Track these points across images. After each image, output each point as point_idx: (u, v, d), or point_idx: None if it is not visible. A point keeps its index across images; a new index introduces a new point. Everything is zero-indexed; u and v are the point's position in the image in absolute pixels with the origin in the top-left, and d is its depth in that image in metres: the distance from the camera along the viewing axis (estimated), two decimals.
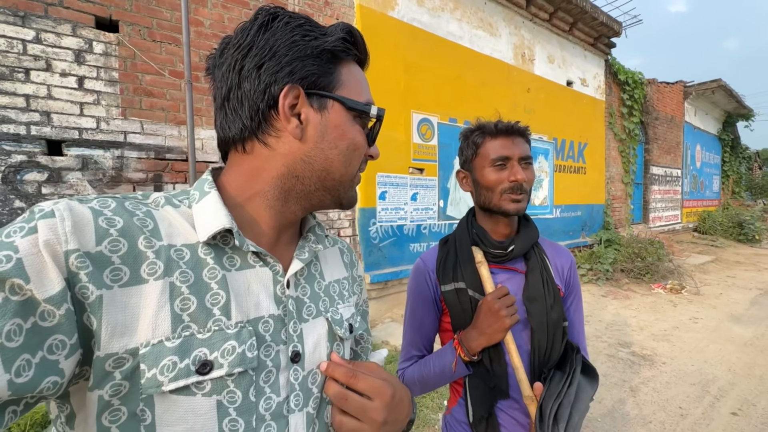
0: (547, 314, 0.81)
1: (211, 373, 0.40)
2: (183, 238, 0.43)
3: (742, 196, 14.66)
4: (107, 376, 0.36)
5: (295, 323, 0.49)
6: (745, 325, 4.30)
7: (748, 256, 8.77)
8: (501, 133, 0.87)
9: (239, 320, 0.43)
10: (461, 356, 0.80)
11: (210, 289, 0.42)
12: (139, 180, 2.67)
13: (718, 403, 2.72)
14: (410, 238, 4.25)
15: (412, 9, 4.26)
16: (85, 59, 2.46)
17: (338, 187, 0.51)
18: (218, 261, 0.44)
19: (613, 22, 6.76)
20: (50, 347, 0.33)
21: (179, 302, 0.40)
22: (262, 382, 0.44)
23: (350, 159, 0.50)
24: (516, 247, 0.85)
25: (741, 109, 12.50)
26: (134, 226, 0.40)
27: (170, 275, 0.40)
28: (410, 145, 4.24)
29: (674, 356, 3.50)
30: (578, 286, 0.93)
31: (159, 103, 2.74)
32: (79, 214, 0.37)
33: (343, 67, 0.50)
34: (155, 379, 0.37)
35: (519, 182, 0.84)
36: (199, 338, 0.40)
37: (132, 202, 0.43)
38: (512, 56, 5.49)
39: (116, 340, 0.36)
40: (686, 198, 11.01)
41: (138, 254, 0.39)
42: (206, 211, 0.45)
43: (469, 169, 0.93)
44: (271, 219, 0.50)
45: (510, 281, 0.86)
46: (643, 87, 8.12)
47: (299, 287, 0.52)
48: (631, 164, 8.07)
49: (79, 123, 2.45)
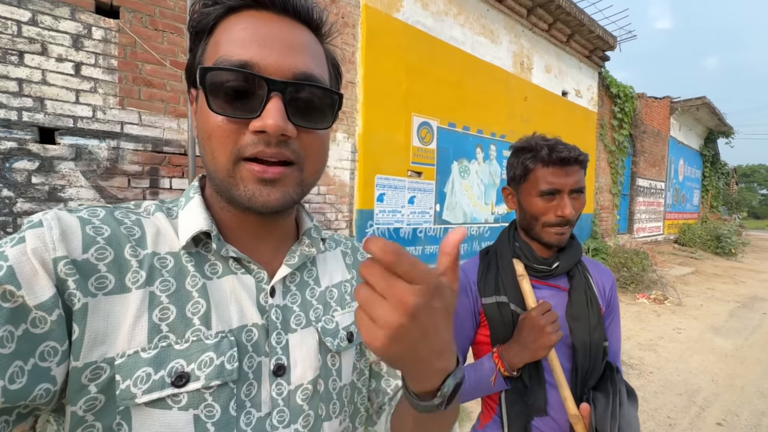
0: (590, 334, 0.80)
1: (188, 386, 0.38)
2: (168, 246, 0.42)
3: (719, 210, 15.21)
4: (82, 390, 0.35)
5: (279, 334, 0.46)
6: (725, 336, 4.44)
7: (726, 269, 9.09)
8: (554, 163, 0.82)
9: (220, 330, 0.41)
10: (501, 371, 0.79)
11: (191, 298, 0.41)
12: (135, 173, 2.57)
13: (703, 413, 2.80)
14: (406, 241, 4.24)
15: (416, 12, 4.25)
16: (83, 45, 2.36)
17: (218, 182, 0.43)
18: (199, 269, 0.43)
19: (609, 36, 6.91)
20: (42, 354, 0.33)
21: (158, 312, 0.39)
22: (244, 396, 0.42)
23: (208, 149, 0.42)
24: (561, 264, 0.84)
25: (722, 126, 12.98)
26: (121, 234, 0.40)
27: (151, 284, 0.39)
28: (410, 148, 4.23)
29: (660, 366, 3.58)
30: (617, 306, 0.93)
31: (158, 94, 2.65)
32: (66, 223, 0.37)
33: (217, 31, 0.42)
34: (129, 391, 0.36)
35: (566, 218, 0.81)
36: (177, 349, 0.39)
37: (122, 211, 0.43)
38: (511, 64, 5.54)
39: (96, 348, 0.36)
40: (668, 210, 11.34)
41: (123, 263, 0.39)
42: (188, 216, 0.44)
43: (515, 189, 0.90)
44: (233, 222, 0.47)
45: (552, 298, 0.85)
46: (633, 101, 8.33)
47: (288, 295, 0.49)
48: (619, 175, 8.26)
49: (74, 111, 2.34)
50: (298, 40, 0.43)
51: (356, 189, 3.82)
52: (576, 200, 0.83)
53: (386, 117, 3.98)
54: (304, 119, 0.42)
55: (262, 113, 0.39)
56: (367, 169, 3.85)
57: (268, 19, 0.42)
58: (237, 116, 0.40)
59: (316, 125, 0.44)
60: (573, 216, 0.82)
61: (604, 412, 0.71)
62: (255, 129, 0.39)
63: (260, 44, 0.40)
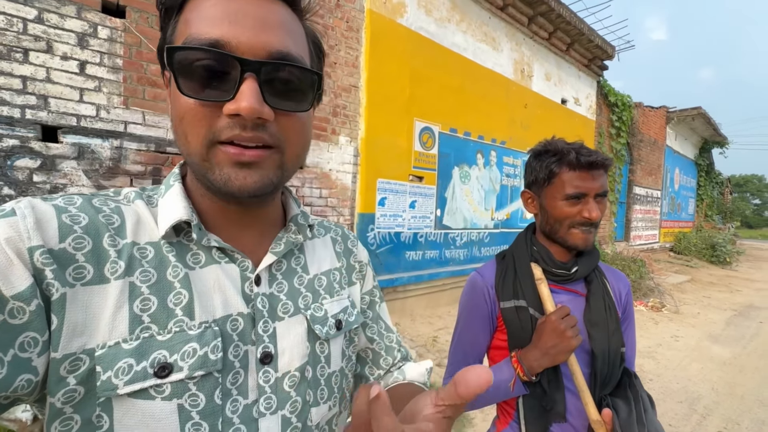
0: (609, 339, 0.80)
1: (171, 376, 0.37)
2: (148, 236, 0.41)
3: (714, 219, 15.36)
4: (61, 382, 0.34)
5: (266, 322, 0.45)
6: (722, 345, 4.46)
7: (721, 277, 9.15)
8: (582, 166, 0.82)
9: (203, 320, 0.41)
10: (520, 375, 0.78)
11: (173, 289, 0.40)
12: (138, 173, 2.55)
13: (705, 421, 2.79)
14: (407, 245, 4.24)
15: (420, 18, 4.28)
16: (88, 43, 2.35)
17: (195, 168, 0.41)
18: (181, 259, 0.42)
19: (608, 46, 6.99)
20: (22, 345, 0.33)
21: (139, 303, 0.38)
22: (229, 384, 0.41)
23: (183, 132, 0.39)
24: (580, 269, 0.84)
25: (717, 136, 13.15)
26: (100, 223, 0.39)
27: (131, 275, 0.38)
28: (411, 152, 4.24)
29: (659, 373, 3.59)
30: (633, 312, 0.93)
31: (163, 95, 2.63)
32: (41, 211, 0.36)
33: (182, 13, 0.40)
34: (110, 382, 0.35)
35: (592, 220, 0.81)
36: (159, 340, 0.38)
37: (100, 199, 0.41)
38: (512, 71, 5.59)
39: (75, 340, 0.35)
40: (664, 218, 11.44)
41: (102, 252, 0.38)
42: (167, 204, 0.43)
43: (538, 192, 0.89)
44: (215, 210, 0.45)
45: (570, 303, 0.84)
46: (630, 110, 8.42)
47: (275, 283, 0.48)
48: (616, 183, 8.33)
49: (78, 109, 2.33)
50: (274, 16, 0.40)
51: (358, 192, 3.82)
52: (600, 203, 0.83)
53: (389, 121, 3.99)
54: (281, 101, 0.40)
55: (236, 95, 0.37)
56: (369, 173, 3.85)
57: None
58: (210, 99, 0.37)
59: (295, 107, 0.41)
60: (599, 218, 0.82)
61: (628, 417, 0.71)
62: (229, 112, 0.37)
63: (232, 21, 0.37)
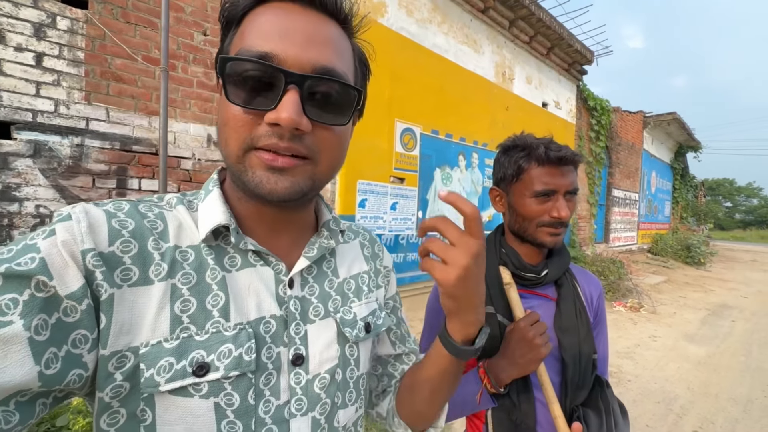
0: (580, 346, 0.75)
1: (208, 376, 0.39)
2: (189, 240, 0.43)
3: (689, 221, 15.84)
4: (108, 378, 0.36)
5: (298, 324, 0.47)
6: (698, 344, 4.54)
7: (695, 277, 9.41)
8: (551, 162, 0.77)
9: (238, 322, 0.42)
10: (487, 387, 0.72)
11: (211, 291, 0.42)
12: (101, 172, 2.42)
13: (681, 421, 2.82)
14: (388, 248, 4.17)
15: (401, 18, 4.25)
16: (46, 34, 2.21)
17: (233, 171, 0.43)
18: (219, 262, 0.44)
19: (587, 51, 7.12)
20: (74, 341, 0.35)
21: (180, 304, 0.40)
22: (262, 385, 0.43)
23: (224, 137, 0.43)
24: (550, 272, 0.79)
25: (691, 141, 13.58)
26: (145, 227, 0.41)
27: (173, 277, 0.40)
28: (392, 153, 4.19)
29: (638, 374, 3.62)
30: (605, 316, 0.88)
31: (129, 90, 2.51)
32: (93, 216, 0.38)
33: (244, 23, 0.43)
34: (153, 380, 0.37)
35: (561, 219, 0.76)
36: (197, 340, 0.40)
37: (146, 205, 0.44)
38: (493, 74, 5.61)
39: (122, 337, 0.37)
40: (642, 220, 11.71)
41: (147, 255, 0.40)
42: (207, 209, 0.45)
43: (506, 189, 0.84)
44: (253, 214, 0.47)
45: (540, 308, 0.79)
46: (609, 114, 8.59)
47: (306, 286, 0.50)
48: (596, 186, 8.47)
49: (34, 104, 2.19)
50: (323, 33, 0.43)
51: (337, 194, 3.74)
52: (570, 202, 0.79)
53: (369, 122, 3.92)
54: (321, 114, 0.42)
55: (278, 106, 0.39)
56: (349, 174, 3.77)
57: (294, 11, 0.42)
58: (253, 107, 0.40)
59: (332, 121, 0.43)
60: (568, 217, 0.77)
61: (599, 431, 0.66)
62: (269, 121, 0.39)
63: (282, 36, 0.40)
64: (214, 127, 2.89)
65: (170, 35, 2.59)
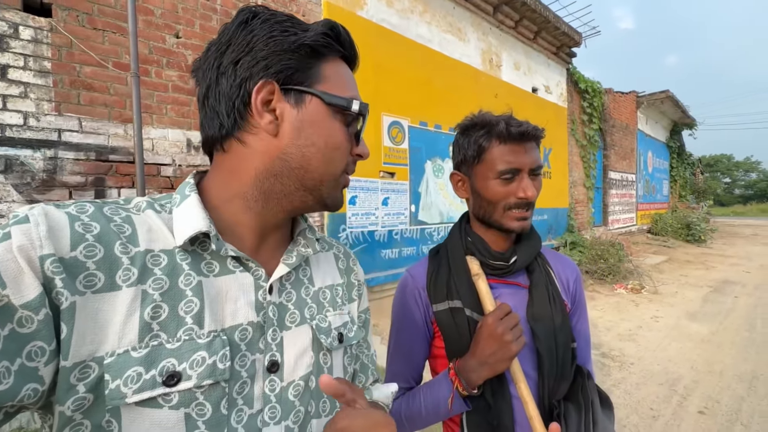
0: (556, 336, 0.69)
1: (179, 385, 0.38)
2: (161, 244, 0.42)
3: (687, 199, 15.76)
4: (70, 390, 0.34)
5: (275, 331, 0.47)
6: (700, 322, 4.50)
7: (697, 255, 9.37)
8: (513, 138, 0.72)
9: (212, 329, 0.41)
10: (459, 390, 0.67)
11: (184, 297, 0.41)
12: (77, 184, 2.35)
13: (685, 402, 2.77)
14: (382, 244, 4.12)
15: (381, 9, 4.16)
16: (9, 45, 2.14)
17: (320, 186, 0.48)
18: (195, 267, 0.43)
19: (574, 33, 7.03)
20: (29, 354, 0.33)
21: (150, 310, 0.38)
22: (236, 394, 0.42)
23: (330, 158, 0.47)
24: (519, 258, 0.73)
25: (686, 118, 13.48)
26: (111, 231, 0.39)
27: (143, 282, 0.39)
28: (381, 148, 4.12)
29: (641, 356, 3.57)
30: (584, 301, 0.82)
31: (101, 98, 2.44)
32: (54, 219, 0.36)
33: (326, 63, 0.47)
34: (119, 391, 0.35)
35: (528, 199, 0.71)
36: (168, 348, 0.38)
37: (111, 207, 0.42)
38: (480, 62, 5.53)
39: (85, 347, 0.35)
40: (640, 201, 11.65)
41: (114, 260, 0.38)
42: (184, 214, 0.44)
43: (467, 173, 0.78)
44: (251, 221, 0.48)
45: (511, 297, 0.74)
46: (601, 96, 8.51)
47: (284, 293, 0.50)
48: (591, 169, 8.40)
49: (2, 118, 2.12)
50: None
51: None
52: (535, 181, 0.73)
53: None
54: None
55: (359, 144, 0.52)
56: None
57: None
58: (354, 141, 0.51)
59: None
60: (535, 197, 0.72)
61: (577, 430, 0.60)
62: (356, 153, 0.51)
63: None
64: (193, 132, 2.83)
65: (140, 39, 2.52)
